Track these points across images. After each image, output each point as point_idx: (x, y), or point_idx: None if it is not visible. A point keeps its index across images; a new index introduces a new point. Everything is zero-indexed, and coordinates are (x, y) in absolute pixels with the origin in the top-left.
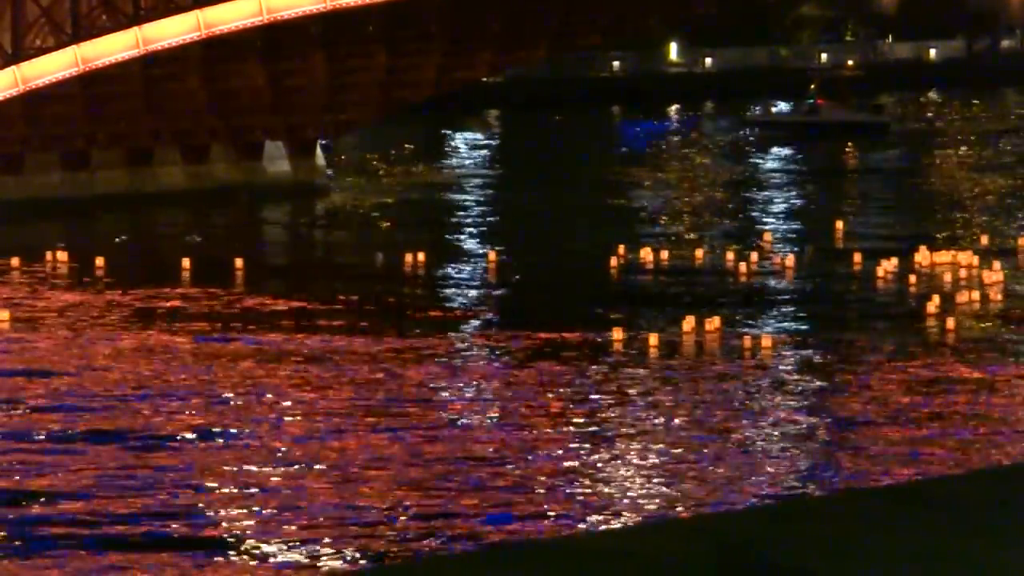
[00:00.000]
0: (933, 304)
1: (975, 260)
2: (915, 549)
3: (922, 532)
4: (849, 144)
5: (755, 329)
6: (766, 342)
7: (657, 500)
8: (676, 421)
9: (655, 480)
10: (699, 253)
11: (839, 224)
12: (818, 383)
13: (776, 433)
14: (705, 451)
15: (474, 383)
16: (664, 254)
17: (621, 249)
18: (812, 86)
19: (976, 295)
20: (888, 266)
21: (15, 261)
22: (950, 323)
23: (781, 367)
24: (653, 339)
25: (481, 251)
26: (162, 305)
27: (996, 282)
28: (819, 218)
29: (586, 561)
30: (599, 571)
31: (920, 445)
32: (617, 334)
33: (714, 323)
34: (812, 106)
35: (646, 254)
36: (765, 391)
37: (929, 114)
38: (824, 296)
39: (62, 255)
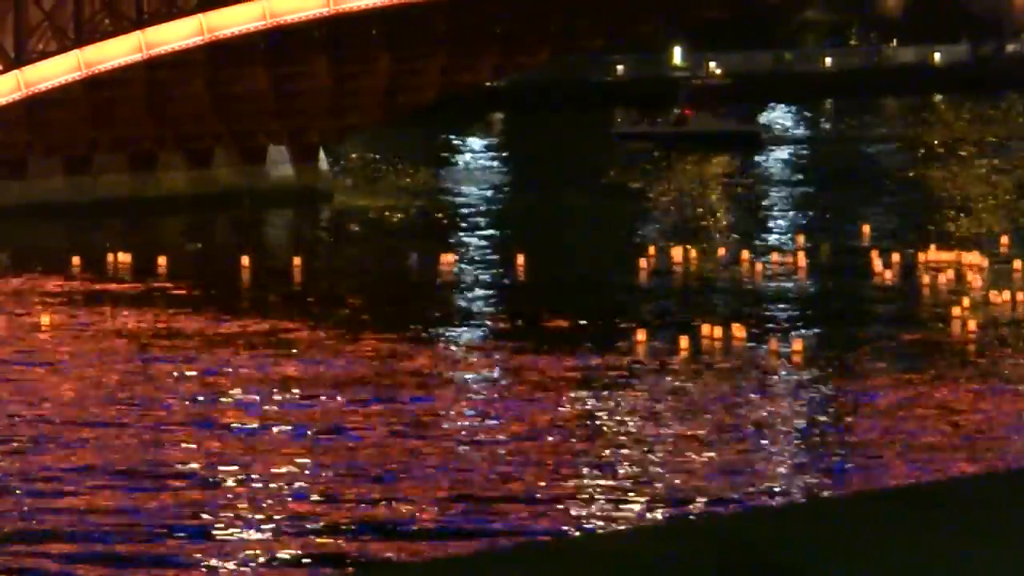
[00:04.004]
0: (941, 306)
1: (981, 261)
2: (916, 550)
3: (922, 533)
4: (722, 154)
5: (762, 330)
6: (774, 344)
7: (659, 502)
8: (680, 422)
9: (656, 481)
10: (720, 252)
11: (865, 227)
12: (821, 384)
13: (778, 435)
14: (708, 452)
15: (493, 384)
16: (692, 254)
17: (651, 249)
18: (679, 95)
19: (984, 297)
20: (895, 265)
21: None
22: (956, 325)
23: (785, 368)
24: (665, 341)
25: (491, 253)
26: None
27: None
28: (823, 219)
29: (588, 562)
30: (601, 572)
31: (921, 447)
32: (640, 335)
33: (725, 324)
34: (679, 116)
35: (676, 255)
36: (769, 392)
37: (933, 119)
38: (835, 296)
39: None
